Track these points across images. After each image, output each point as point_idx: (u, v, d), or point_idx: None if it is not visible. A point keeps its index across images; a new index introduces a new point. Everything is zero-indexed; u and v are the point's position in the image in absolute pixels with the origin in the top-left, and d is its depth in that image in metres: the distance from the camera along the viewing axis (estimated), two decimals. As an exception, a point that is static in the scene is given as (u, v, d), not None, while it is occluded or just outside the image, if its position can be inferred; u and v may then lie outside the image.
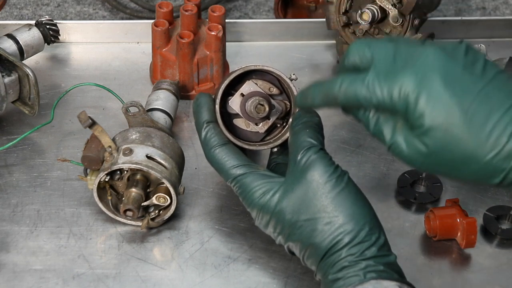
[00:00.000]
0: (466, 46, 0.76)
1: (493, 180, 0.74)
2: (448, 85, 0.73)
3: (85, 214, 0.96)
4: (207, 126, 0.88)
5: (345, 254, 0.79)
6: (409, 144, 0.76)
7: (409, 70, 0.75)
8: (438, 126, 0.73)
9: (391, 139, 0.77)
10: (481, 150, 0.73)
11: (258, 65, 0.89)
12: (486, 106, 0.73)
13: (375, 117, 0.79)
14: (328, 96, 0.79)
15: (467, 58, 0.75)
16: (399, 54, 0.76)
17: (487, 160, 0.73)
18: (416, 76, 0.74)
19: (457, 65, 0.74)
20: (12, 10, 1.30)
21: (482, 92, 0.73)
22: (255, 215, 0.85)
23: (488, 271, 0.93)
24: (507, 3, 1.35)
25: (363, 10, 1.05)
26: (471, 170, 0.74)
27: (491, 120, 0.72)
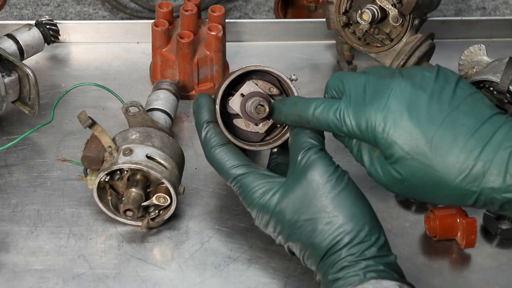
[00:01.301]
0: (437, 72, 0.79)
1: (465, 202, 0.77)
2: (412, 115, 0.77)
3: (85, 214, 0.96)
4: (207, 126, 0.88)
5: (345, 254, 0.79)
6: (385, 171, 0.80)
7: (376, 103, 0.78)
8: (406, 155, 0.77)
9: (370, 166, 0.82)
10: (449, 175, 0.75)
11: (258, 65, 0.89)
12: (451, 132, 0.75)
13: (357, 145, 0.83)
14: (301, 118, 0.83)
15: (436, 85, 0.78)
16: (368, 87, 0.80)
17: (456, 184, 0.75)
18: (382, 108, 0.77)
19: (423, 95, 0.77)
20: (12, 10, 1.30)
21: (448, 119, 0.76)
22: (255, 215, 0.85)
23: (488, 271, 0.93)
24: (507, 3, 1.35)
25: (363, 10, 1.05)
26: (443, 194, 0.77)
27: (457, 146, 0.75)
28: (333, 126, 0.81)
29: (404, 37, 1.06)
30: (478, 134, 0.75)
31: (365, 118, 0.78)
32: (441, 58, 1.10)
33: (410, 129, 0.76)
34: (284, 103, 0.86)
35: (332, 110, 0.80)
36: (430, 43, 1.06)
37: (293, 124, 0.85)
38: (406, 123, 0.77)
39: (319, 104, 0.82)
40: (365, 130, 0.78)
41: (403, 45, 1.06)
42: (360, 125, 0.78)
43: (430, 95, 0.77)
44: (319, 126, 0.82)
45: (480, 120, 0.76)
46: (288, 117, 0.85)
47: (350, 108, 0.79)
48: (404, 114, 0.77)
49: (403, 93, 0.78)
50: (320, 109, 0.81)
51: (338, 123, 0.80)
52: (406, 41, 1.06)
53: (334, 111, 0.80)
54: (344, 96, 0.81)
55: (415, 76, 0.79)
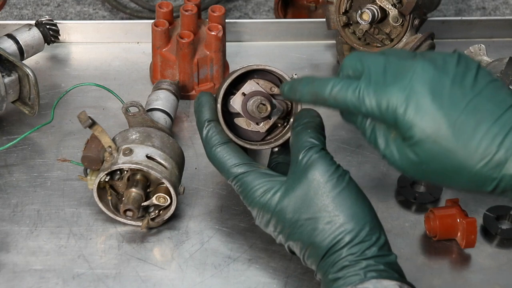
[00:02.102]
0: (458, 57, 0.77)
1: (485, 188, 0.75)
2: (435, 97, 0.75)
3: (85, 214, 0.96)
4: (208, 124, 0.88)
5: (345, 253, 0.79)
6: (402, 154, 0.78)
7: (398, 84, 0.76)
8: (427, 138, 0.75)
9: (385, 148, 0.79)
10: (470, 160, 0.74)
11: (260, 64, 0.89)
12: (474, 117, 0.74)
13: (371, 126, 0.80)
14: (317, 96, 0.81)
15: (458, 69, 0.76)
16: (389, 67, 0.78)
17: (477, 169, 0.74)
18: (404, 89, 0.76)
19: (446, 78, 0.76)
20: (12, 10, 1.30)
21: (471, 104, 0.75)
22: (256, 214, 0.85)
23: (488, 271, 0.93)
24: (507, 3, 1.35)
25: (363, 10, 1.05)
26: (462, 179, 0.75)
27: (480, 131, 0.74)
28: (351, 105, 0.78)
29: (404, 37, 1.06)
30: (501, 120, 0.74)
31: (387, 98, 0.76)
32: (441, 58, 1.10)
33: (432, 111, 0.75)
34: (299, 81, 0.83)
35: (351, 88, 0.78)
36: (430, 43, 1.06)
37: (307, 103, 0.83)
38: (429, 105, 0.75)
39: (337, 83, 0.79)
40: (386, 111, 0.76)
41: (403, 45, 1.06)
42: (381, 105, 0.76)
43: (452, 79, 0.76)
44: (335, 105, 0.80)
45: (502, 107, 0.74)
46: (303, 96, 0.82)
47: (370, 88, 0.77)
48: (427, 96, 0.75)
49: (426, 75, 0.76)
50: (338, 87, 0.79)
51: (356, 102, 0.78)
52: (406, 41, 1.06)
53: (353, 89, 0.78)
54: (364, 76, 0.78)
55: (437, 59, 0.77)
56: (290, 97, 0.85)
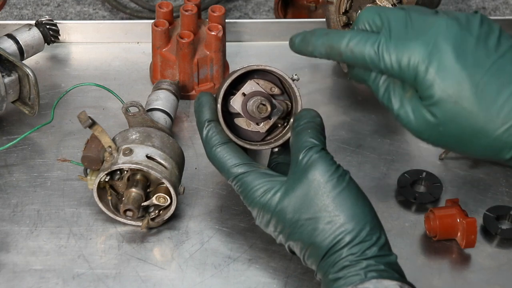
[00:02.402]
0: (481, 17, 0.75)
1: (503, 155, 0.73)
2: (459, 56, 0.73)
3: (85, 214, 0.96)
4: (208, 124, 0.88)
5: (346, 253, 0.79)
6: (418, 114, 0.75)
7: (421, 39, 0.74)
8: (448, 98, 0.73)
9: (400, 108, 0.76)
10: (491, 124, 0.72)
11: (260, 65, 0.89)
12: (497, 80, 0.72)
13: (385, 84, 0.78)
14: (333, 49, 0.78)
15: (481, 29, 0.74)
16: (410, 22, 0.75)
17: (498, 134, 0.72)
18: (427, 45, 0.73)
19: (470, 37, 0.74)
20: (12, 10, 1.30)
21: (494, 66, 0.72)
22: (256, 214, 0.85)
23: (488, 271, 0.93)
24: (507, 3, 1.35)
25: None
26: (480, 144, 0.73)
27: (503, 94, 0.72)
28: (369, 60, 0.75)
29: (404, 37, 1.06)
30: None
31: (408, 53, 0.73)
32: (441, 58, 1.10)
33: (456, 70, 0.72)
34: (312, 33, 0.80)
35: (369, 42, 0.75)
36: (430, 43, 1.05)
37: (319, 56, 0.80)
38: (452, 64, 0.72)
39: (354, 35, 0.76)
40: (406, 67, 0.74)
41: (403, 45, 1.06)
42: (401, 60, 0.74)
43: (476, 38, 0.73)
44: (352, 58, 0.77)
45: None
46: (316, 48, 0.80)
47: (391, 42, 0.74)
48: (451, 54, 0.73)
49: (450, 32, 0.74)
50: (355, 40, 0.76)
51: (375, 57, 0.75)
52: (406, 41, 1.06)
53: (372, 43, 0.75)
54: (384, 29, 0.76)
55: (461, 17, 0.75)
56: (302, 49, 0.82)
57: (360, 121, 1.08)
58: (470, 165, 1.03)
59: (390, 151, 1.05)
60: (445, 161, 1.03)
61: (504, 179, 1.02)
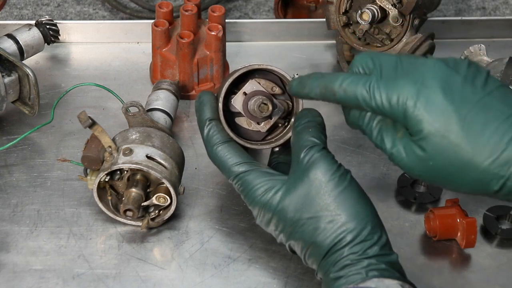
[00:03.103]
0: (469, 62, 0.78)
1: (491, 188, 0.75)
2: (446, 93, 0.75)
3: (85, 214, 0.96)
4: (209, 123, 0.88)
5: (347, 252, 0.79)
6: (409, 150, 0.77)
7: (409, 78, 0.77)
8: (436, 132, 0.75)
9: (392, 147, 0.79)
10: (478, 156, 0.74)
11: (262, 64, 0.89)
12: (484, 114, 0.74)
13: (377, 127, 0.80)
14: (327, 89, 0.81)
15: (469, 70, 0.77)
16: (401, 64, 0.79)
17: (485, 166, 0.74)
18: (415, 83, 0.76)
19: (457, 76, 0.76)
20: (12, 10, 1.30)
21: (481, 102, 0.75)
22: (257, 213, 0.85)
23: (488, 271, 0.93)
24: (507, 3, 1.35)
25: (363, 10, 1.05)
26: (469, 177, 0.75)
27: (489, 128, 0.74)
28: (361, 99, 0.78)
29: (404, 37, 1.06)
30: (511, 119, 0.74)
31: (397, 91, 0.76)
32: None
33: (443, 106, 0.75)
34: (308, 76, 0.84)
35: (361, 82, 0.79)
36: (430, 43, 1.06)
37: (315, 97, 0.83)
38: (440, 100, 0.75)
39: (347, 77, 0.80)
40: (396, 104, 0.76)
41: (403, 45, 1.06)
42: (391, 98, 0.77)
43: (464, 78, 0.76)
44: (345, 98, 0.80)
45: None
46: (312, 90, 0.83)
47: (381, 82, 0.78)
48: (438, 91, 0.75)
49: (438, 72, 0.77)
50: (348, 81, 0.79)
51: (367, 96, 0.78)
52: (406, 41, 1.06)
53: (363, 83, 0.78)
54: (375, 71, 0.79)
55: (449, 60, 0.78)
56: (299, 91, 0.85)
57: (360, 121, 1.08)
58: (470, 165, 1.03)
59: (390, 151, 1.05)
60: (445, 161, 1.03)
61: (504, 179, 1.02)
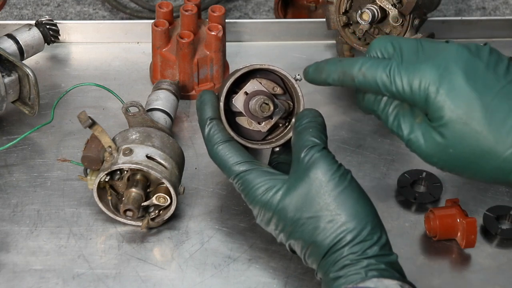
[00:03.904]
0: (490, 48, 0.78)
1: (511, 177, 0.74)
2: (469, 79, 0.74)
3: (85, 214, 0.96)
4: (210, 122, 0.88)
5: (347, 252, 0.79)
6: (427, 137, 0.76)
7: (431, 62, 0.76)
8: (458, 118, 0.74)
9: (410, 133, 0.78)
10: (500, 145, 0.73)
11: (263, 64, 0.89)
12: (507, 103, 0.74)
13: (394, 112, 0.79)
14: (345, 74, 0.80)
15: (491, 57, 0.76)
16: (422, 48, 0.78)
17: (507, 155, 0.73)
18: (438, 68, 0.75)
19: (480, 62, 0.76)
20: (12, 10, 1.30)
21: (504, 90, 0.74)
22: (257, 212, 0.85)
23: (488, 271, 0.93)
24: (507, 3, 1.35)
25: (363, 10, 1.05)
26: (489, 166, 0.74)
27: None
28: (381, 84, 0.77)
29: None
30: None
31: (419, 76, 0.75)
32: (441, 58, 1.10)
33: (466, 92, 0.74)
34: (325, 61, 0.83)
35: (381, 66, 0.78)
36: (430, 43, 1.05)
37: (333, 83, 0.82)
38: (463, 86, 0.74)
39: (366, 61, 0.79)
40: (417, 89, 0.75)
41: (403, 45, 1.06)
42: (412, 83, 0.76)
43: (486, 64, 0.76)
44: (364, 83, 0.79)
45: None
46: (330, 75, 0.82)
47: (402, 66, 0.76)
48: (461, 77, 0.75)
49: (461, 57, 0.76)
50: (367, 65, 0.78)
51: (387, 80, 0.77)
52: (406, 41, 1.06)
53: (383, 67, 0.77)
54: (396, 55, 0.78)
55: (471, 45, 0.77)
56: (315, 78, 0.84)
57: (360, 121, 1.08)
58: (470, 165, 1.03)
59: (390, 151, 1.05)
60: (445, 161, 1.03)
61: (504, 179, 1.02)
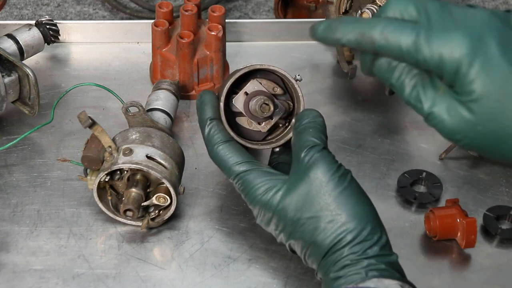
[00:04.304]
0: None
1: None
2: (506, 52, 0.69)
3: (85, 214, 0.96)
4: (210, 122, 0.88)
5: (347, 252, 0.79)
6: (453, 112, 0.70)
7: (463, 31, 0.69)
8: (491, 94, 0.68)
9: (431, 106, 0.71)
10: None
11: (263, 64, 0.89)
12: None
13: (412, 81, 0.72)
14: (364, 36, 0.71)
15: None
16: (450, 13, 0.71)
17: None
18: (472, 38, 0.69)
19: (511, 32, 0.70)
20: (12, 10, 1.30)
21: None
22: (257, 212, 0.85)
23: (488, 271, 0.93)
24: (507, 3, 1.35)
25: (363, 10, 1.05)
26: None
27: None
28: (406, 50, 0.70)
29: (404, 37, 1.06)
30: None
31: (451, 45, 0.68)
32: (441, 58, 1.10)
33: (502, 66, 0.68)
34: (339, 20, 0.73)
35: (407, 30, 0.69)
36: (430, 43, 1.05)
37: (347, 44, 0.73)
38: (499, 59, 0.68)
39: (389, 23, 0.70)
40: (448, 59, 0.68)
41: (403, 45, 1.06)
42: (442, 52, 0.68)
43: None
44: (386, 47, 0.70)
45: None
46: (346, 34, 0.72)
47: (431, 32, 0.69)
48: (496, 50, 0.68)
49: (494, 26, 0.69)
50: (391, 28, 0.70)
51: (412, 47, 0.69)
52: (406, 41, 1.06)
53: (409, 31, 0.69)
54: (422, 18, 0.71)
55: (500, 13, 0.71)
56: (327, 36, 0.74)
57: (360, 121, 1.08)
58: (470, 165, 1.03)
59: (390, 151, 1.05)
60: (445, 161, 1.03)
61: (504, 179, 1.02)
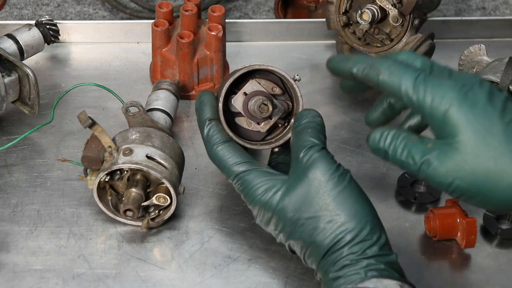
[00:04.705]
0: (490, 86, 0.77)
1: None
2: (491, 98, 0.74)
3: (85, 214, 0.96)
4: (209, 123, 0.88)
5: (346, 252, 0.79)
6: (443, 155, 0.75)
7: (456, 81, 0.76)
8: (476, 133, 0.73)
9: (423, 156, 0.75)
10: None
11: (262, 64, 0.89)
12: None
13: (403, 143, 0.77)
14: (373, 67, 0.79)
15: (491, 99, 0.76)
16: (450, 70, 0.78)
17: None
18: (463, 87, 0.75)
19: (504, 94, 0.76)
20: (12, 10, 1.30)
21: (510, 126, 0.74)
22: (257, 212, 0.85)
23: (488, 271, 0.93)
24: (507, 3, 1.35)
25: (363, 10, 1.05)
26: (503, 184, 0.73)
27: None
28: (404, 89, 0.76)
29: (404, 37, 1.06)
30: None
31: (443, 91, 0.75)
32: (441, 58, 1.09)
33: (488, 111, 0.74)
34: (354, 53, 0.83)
35: (409, 71, 0.77)
36: (430, 43, 1.06)
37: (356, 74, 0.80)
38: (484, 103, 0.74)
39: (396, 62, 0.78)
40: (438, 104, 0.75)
41: (403, 45, 1.06)
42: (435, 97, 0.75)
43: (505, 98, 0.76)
44: (387, 82, 0.77)
45: None
46: (356, 64, 0.80)
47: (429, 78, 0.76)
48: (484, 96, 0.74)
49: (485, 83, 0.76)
50: (397, 65, 0.78)
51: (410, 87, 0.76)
52: (406, 41, 1.06)
53: (411, 73, 0.76)
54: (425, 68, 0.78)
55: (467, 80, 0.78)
56: (340, 66, 0.82)
57: (360, 121, 1.08)
58: (470, 165, 1.03)
59: (390, 151, 1.05)
60: (445, 161, 1.03)
61: (504, 179, 1.02)
